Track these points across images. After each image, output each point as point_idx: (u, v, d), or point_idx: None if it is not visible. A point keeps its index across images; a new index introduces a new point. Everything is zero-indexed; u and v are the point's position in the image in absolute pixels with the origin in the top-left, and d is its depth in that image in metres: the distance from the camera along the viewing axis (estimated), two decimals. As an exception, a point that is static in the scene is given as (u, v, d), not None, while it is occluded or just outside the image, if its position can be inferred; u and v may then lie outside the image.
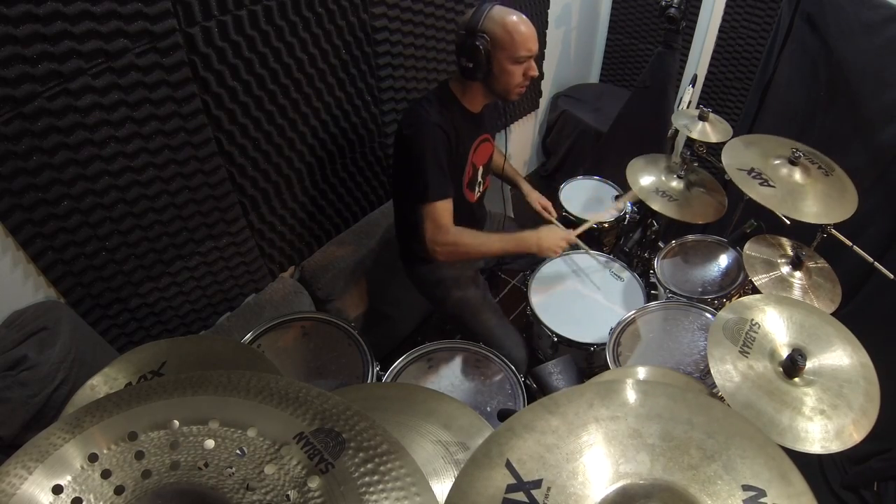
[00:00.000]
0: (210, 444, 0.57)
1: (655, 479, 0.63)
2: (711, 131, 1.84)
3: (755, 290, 1.54)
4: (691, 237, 1.94)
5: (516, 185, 2.01)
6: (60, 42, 1.10)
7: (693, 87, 2.28)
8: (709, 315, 1.55)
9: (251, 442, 0.58)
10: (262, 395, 0.62)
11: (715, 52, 2.56)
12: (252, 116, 1.54)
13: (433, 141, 1.44)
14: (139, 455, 0.56)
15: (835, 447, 0.94)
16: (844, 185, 1.55)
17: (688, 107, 2.16)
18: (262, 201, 1.71)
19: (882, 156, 1.89)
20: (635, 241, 2.10)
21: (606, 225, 2.06)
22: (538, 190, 1.99)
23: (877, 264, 1.53)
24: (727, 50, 2.71)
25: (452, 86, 1.54)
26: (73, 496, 0.53)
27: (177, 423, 0.59)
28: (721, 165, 1.62)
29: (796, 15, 2.02)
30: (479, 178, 1.71)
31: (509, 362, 1.46)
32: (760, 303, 1.17)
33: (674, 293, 1.73)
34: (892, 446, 1.76)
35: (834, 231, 1.54)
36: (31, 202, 1.18)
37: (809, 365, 1.05)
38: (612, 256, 1.90)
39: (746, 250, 1.59)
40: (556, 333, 1.64)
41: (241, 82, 1.47)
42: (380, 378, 1.43)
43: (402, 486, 0.56)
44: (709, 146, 1.92)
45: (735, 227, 1.96)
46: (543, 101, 3.08)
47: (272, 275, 1.89)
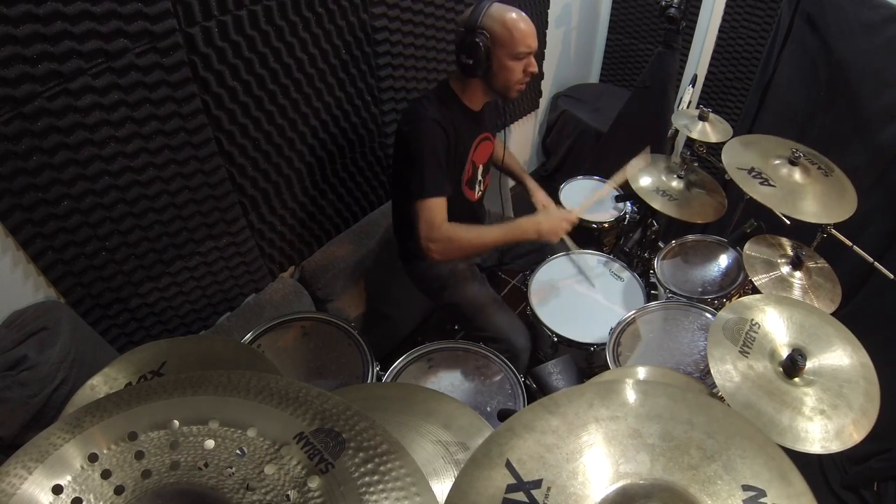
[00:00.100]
0: (210, 444, 0.57)
1: (655, 479, 0.63)
2: (711, 131, 1.84)
3: (755, 290, 1.54)
4: (691, 237, 1.94)
5: (521, 182, 1.96)
6: (60, 42, 1.10)
7: (693, 87, 2.28)
8: (709, 315, 1.55)
9: (251, 442, 0.58)
10: (262, 395, 0.62)
11: (715, 52, 2.56)
12: (252, 116, 1.54)
13: (431, 137, 1.44)
14: (139, 455, 0.56)
15: (835, 447, 0.94)
16: (844, 186, 1.56)
17: (688, 107, 2.16)
18: (262, 201, 1.71)
19: (882, 156, 1.89)
20: (635, 241, 2.10)
21: (606, 225, 2.06)
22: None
23: (877, 264, 1.53)
24: (727, 50, 2.71)
25: (452, 84, 1.54)
26: (73, 496, 0.53)
27: (177, 423, 0.59)
28: (721, 165, 1.62)
29: (796, 15, 2.02)
30: (480, 177, 1.71)
31: (511, 351, 1.45)
32: (760, 303, 1.17)
33: (674, 293, 1.73)
34: (892, 446, 1.76)
35: (834, 231, 1.54)
36: (31, 202, 1.18)
37: (809, 365, 1.05)
38: (612, 256, 1.90)
39: (746, 250, 1.59)
40: (556, 333, 1.64)
41: (241, 82, 1.47)
42: (380, 378, 1.43)
43: (402, 486, 0.56)
44: (709, 146, 1.92)
45: (735, 227, 1.96)
46: (543, 101, 3.08)
47: (272, 275, 1.89)
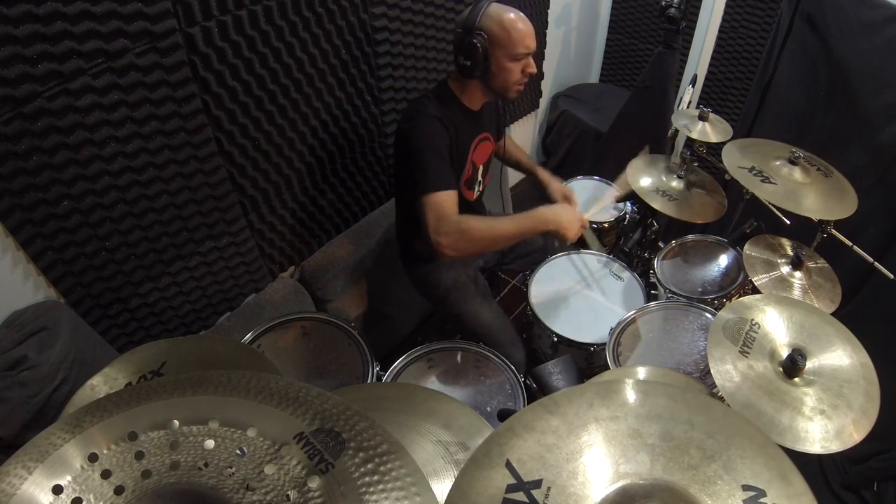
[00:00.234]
0: (210, 444, 0.57)
1: (655, 479, 0.63)
2: (711, 131, 1.84)
3: (755, 290, 1.54)
4: (691, 237, 1.94)
5: (533, 174, 1.90)
6: (60, 42, 1.10)
7: (693, 87, 2.28)
8: (709, 315, 1.55)
9: (251, 442, 0.58)
10: (262, 395, 0.62)
11: (715, 52, 2.56)
12: (252, 116, 1.54)
13: (432, 132, 1.42)
14: (139, 455, 0.56)
15: (835, 447, 0.94)
16: (844, 186, 1.56)
17: (688, 107, 2.16)
18: (262, 201, 1.71)
19: (882, 156, 1.89)
20: (635, 241, 2.10)
21: (606, 225, 2.06)
22: (538, 192, 1.90)
23: (877, 264, 1.53)
24: (727, 50, 2.71)
25: (451, 84, 1.54)
26: (73, 496, 0.53)
27: (177, 423, 0.59)
28: (721, 165, 1.62)
29: (796, 15, 2.03)
30: (479, 178, 1.71)
31: (508, 362, 1.46)
32: (760, 303, 1.17)
33: (674, 293, 1.73)
34: (892, 446, 1.76)
35: (834, 231, 1.54)
36: (31, 202, 1.18)
37: (809, 365, 1.05)
38: (612, 256, 1.90)
39: (746, 250, 1.59)
40: (556, 333, 1.64)
41: (241, 82, 1.47)
42: (380, 378, 1.43)
43: (402, 486, 0.56)
44: (709, 146, 1.92)
45: (735, 227, 1.96)
46: (543, 101, 3.08)
47: (272, 275, 1.89)
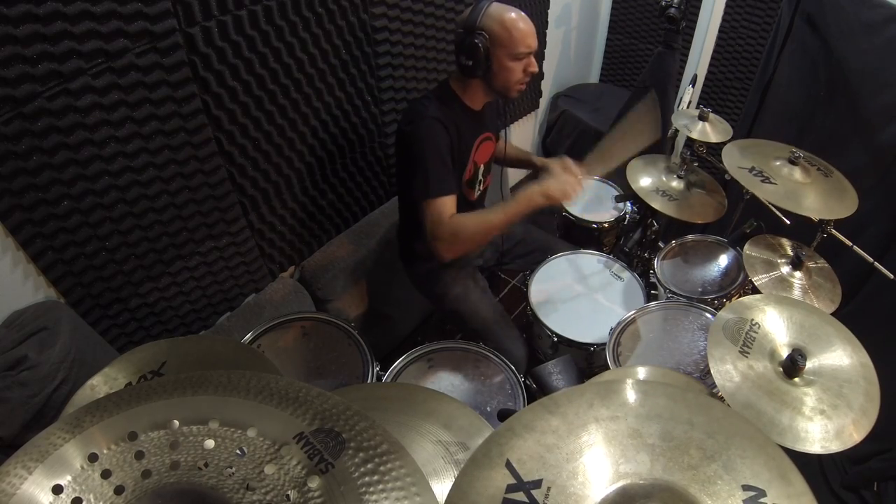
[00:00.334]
0: (210, 444, 0.57)
1: (655, 479, 0.63)
2: (711, 131, 1.84)
3: (755, 290, 1.54)
4: (691, 237, 1.94)
5: (529, 164, 1.88)
6: (60, 42, 1.10)
7: (693, 87, 2.28)
8: (709, 315, 1.55)
9: (251, 442, 0.58)
10: (262, 395, 0.62)
11: (715, 52, 2.56)
12: (252, 116, 1.54)
13: (433, 136, 1.42)
14: (139, 455, 0.56)
15: (835, 447, 0.94)
16: (844, 185, 1.56)
17: (688, 107, 2.16)
18: (262, 201, 1.71)
19: (882, 156, 1.89)
20: (635, 241, 2.09)
21: (606, 225, 2.06)
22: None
23: (877, 264, 1.53)
24: (727, 50, 2.71)
25: (453, 84, 1.54)
26: (73, 496, 0.53)
27: (177, 423, 0.59)
28: (721, 165, 1.62)
29: (796, 15, 2.02)
30: (480, 177, 1.71)
31: (508, 361, 1.46)
32: (760, 303, 1.17)
33: (674, 293, 1.72)
34: (892, 446, 1.76)
35: (834, 231, 1.54)
36: (31, 202, 1.18)
37: (809, 365, 1.05)
38: (612, 256, 1.90)
39: (746, 250, 1.59)
40: (556, 333, 1.63)
41: (241, 82, 1.47)
42: (380, 378, 1.43)
43: (402, 486, 0.56)
44: (709, 146, 1.92)
45: (735, 227, 1.96)
46: (543, 101, 3.08)
47: (272, 275, 1.89)
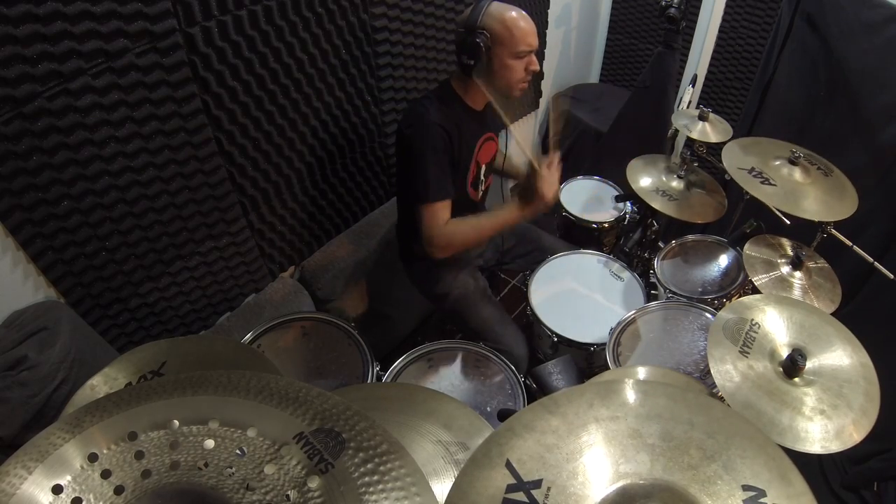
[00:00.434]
0: (210, 444, 0.57)
1: (655, 479, 0.63)
2: (711, 131, 1.84)
3: (755, 290, 1.54)
4: (691, 237, 1.94)
5: (518, 173, 1.87)
6: (60, 42, 1.10)
7: (693, 87, 2.28)
8: (709, 315, 1.55)
9: (251, 442, 0.58)
10: (262, 395, 0.62)
11: (715, 52, 2.56)
12: (252, 116, 1.54)
13: (433, 140, 1.44)
14: (139, 455, 0.56)
15: (835, 447, 0.94)
16: (844, 185, 1.56)
17: (688, 107, 2.16)
18: (262, 201, 1.71)
19: (882, 156, 1.89)
20: (635, 241, 2.10)
21: (606, 225, 2.06)
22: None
23: (877, 264, 1.53)
24: (727, 50, 2.71)
25: (454, 84, 1.54)
26: (73, 496, 0.53)
27: (177, 423, 0.59)
28: (721, 165, 1.62)
29: (796, 15, 2.02)
30: (482, 177, 1.71)
31: (509, 359, 1.46)
32: (760, 303, 1.17)
33: (674, 293, 1.73)
34: (892, 446, 1.76)
35: (834, 231, 1.54)
36: (31, 202, 1.18)
37: (809, 365, 1.05)
38: (612, 256, 1.90)
39: (746, 250, 1.59)
40: (556, 333, 1.64)
41: (241, 82, 1.47)
42: (380, 378, 1.43)
43: (402, 486, 0.56)
44: (709, 146, 1.92)
45: (735, 227, 1.96)
46: (543, 101, 3.08)
47: (272, 275, 1.89)
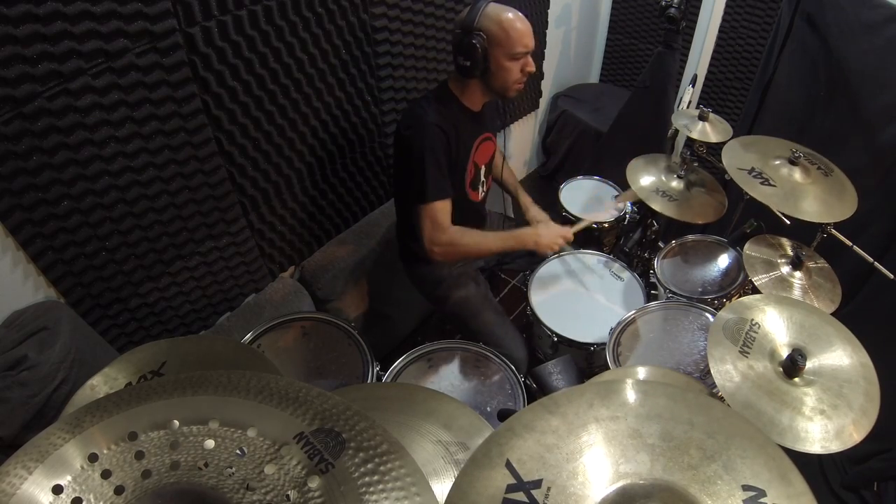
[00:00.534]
0: (210, 444, 0.57)
1: (655, 479, 0.63)
2: (711, 131, 1.84)
3: (755, 290, 1.54)
4: (691, 237, 1.94)
5: (515, 198, 1.93)
6: (60, 42, 1.10)
7: (693, 87, 2.28)
8: (709, 315, 1.55)
9: (251, 442, 0.58)
10: (262, 395, 0.62)
11: (715, 52, 2.56)
12: (252, 116, 1.54)
13: (431, 141, 1.44)
14: (139, 455, 0.56)
15: (835, 447, 0.94)
16: (844, 186, 1.56)
17: (688, 107, 2.16)
18: (262, 201, 1.71)
19: (882, 156, 1.89)
20: (635, 241, 2.10)
21: (606, 225, 2.06)
22: (538, 192, 1.93)
23: (877, 264, 1.53)
24: (727, 50, 2.71)
25: (452, 85, 1.54)
26: (73, 496, 0.53)
27: (177, 423, 0.59)
28: (721, 165, 1.62)
29: (796, 15, 2.02)
30: (482, 178, 1.71)
31: (509, 362, 1.46)
32: (760, 303, 1.17)
33: (674, 293, 1.72)
34: (892, 446, 1.76)
35: (834, 231, 1.54)
36: (31, 202, 1.18)
37: (809, 365, 1.05)
38: (612, 256, 1.90)
39: (746, 250, 1.59)
40: (556, 333, 1.63)
41: (241, 82, 1.47)
42: (380, 378, 1.43)
43: (402, 486, 0.56)
44: (709, 146, 1.92)
45: (735, 227, 1.96)
46: (543, 101, 3.08)
47: (272, 275, 1.89)
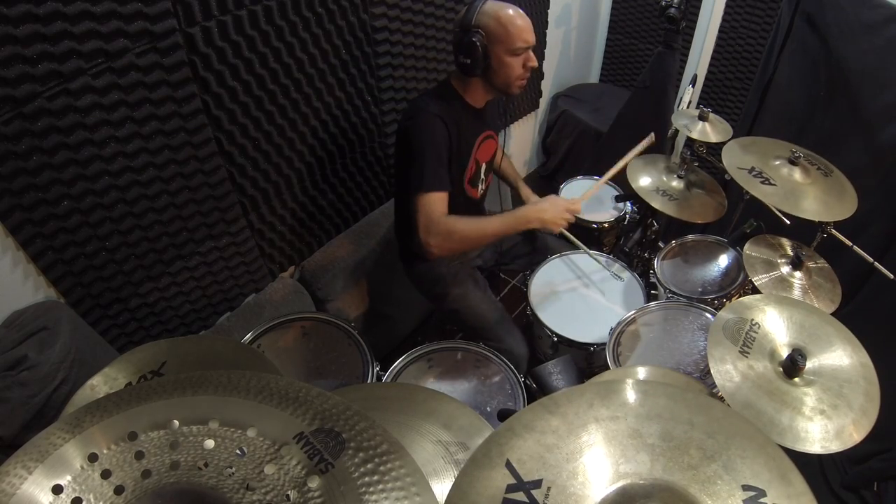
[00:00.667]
0: (210, 444, 0.57)
1: (655, 479, 0.63)
2: (711, 131, 1.84)
3: (755, 290, 1.54)
4: (691, 237, 1.94)
5: (515, 188, 1.96)
6: (60, 42, 1.10)
7: (693, 87, 2.28)
8: (709, 315, 1.55)
9: (251, 442, 0.58)
10: (262, 395, 0.62)
11: (715, 52, 2.56)
12: (252, 116, 1.54)
13: (432, 131, 1.43)
14: (139, 455, 0.56)
15: (835, 447, 0.94)
16: (844, 186, 1.56)
17: (688, 107, 2.16)
18: (262, 201, 1.71)
19: (882, 156, 1.89)
20: (635, 241, 2.10)
21: (606, 225, 2.06)
22: (538, 192, 1.94)
23: (877, 264, 1.53)
24: (727, 50, 2.71)
25: (454, 82, 1.54)
26: (73, 496, 0.53)
27: (177, 423, 0.59)
28: (721, 165, 1.62)
29: (796, 15, 2.02)
30: (482, 176, 1.71)
31: (510, 359, 1.46)
32: (760, 303, 1.17)
33: (674, 293, 1.72)
34: (892, 446, 1.76)
35: (834, 231, 1.54)
36: (31, 202, 1.18)
37: (809, 365, 1.05)
38: (612, 256, 1.90)
39: (746, 250, 1.59)
40: (556, 333, 1.63)
41: (241, 82, 1.47)
42: (380, 378, 1.43)
43: (402, 486, 0.56)
44: (709, 146, 1.92)
45: (735, 227, 1.96)
46: (543, 101, 3.08)
47: (272, 275, 1.89)
